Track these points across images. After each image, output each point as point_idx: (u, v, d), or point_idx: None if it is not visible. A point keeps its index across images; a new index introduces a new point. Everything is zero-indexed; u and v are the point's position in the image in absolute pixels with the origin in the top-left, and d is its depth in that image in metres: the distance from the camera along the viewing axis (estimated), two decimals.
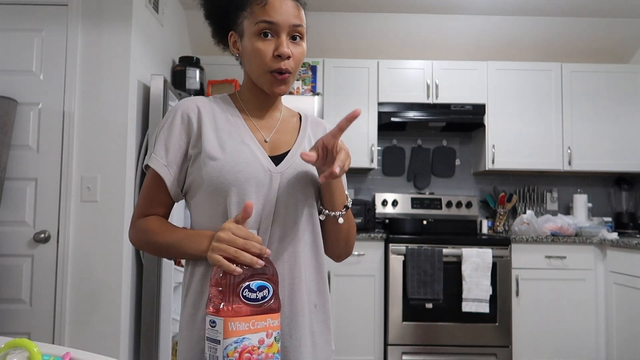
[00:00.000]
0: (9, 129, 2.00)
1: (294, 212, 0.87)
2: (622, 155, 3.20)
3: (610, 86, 3.23)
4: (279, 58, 0.84)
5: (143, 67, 2.37)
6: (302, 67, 3.15)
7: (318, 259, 0.90)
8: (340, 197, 0.88)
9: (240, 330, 0.69)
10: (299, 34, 0.87)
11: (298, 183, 0.88)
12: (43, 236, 2.08)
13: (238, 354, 0.68)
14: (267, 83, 0.87)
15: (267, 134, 0.93)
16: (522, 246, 2.88)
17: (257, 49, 0.84)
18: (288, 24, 0.85)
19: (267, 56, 0.84)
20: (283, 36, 0.84)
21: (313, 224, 0.90)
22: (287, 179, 0.87)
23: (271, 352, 0.72)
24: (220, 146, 0.86)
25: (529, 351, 2.83)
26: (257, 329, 0.71)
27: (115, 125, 2.17)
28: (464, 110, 3.19)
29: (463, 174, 3.57)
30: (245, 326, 0.69)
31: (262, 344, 0.71)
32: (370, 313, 2.85)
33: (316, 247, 0.90)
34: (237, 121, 0.91)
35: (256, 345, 0.70)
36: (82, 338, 2.10)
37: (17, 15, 2.16)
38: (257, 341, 0.70)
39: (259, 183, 0.85)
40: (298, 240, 0.87)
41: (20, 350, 0.62)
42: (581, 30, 3.36)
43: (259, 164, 0.86)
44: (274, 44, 0.84)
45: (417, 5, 3.18)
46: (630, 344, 2.64)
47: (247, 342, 0.69)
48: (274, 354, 0.73)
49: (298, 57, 0.87)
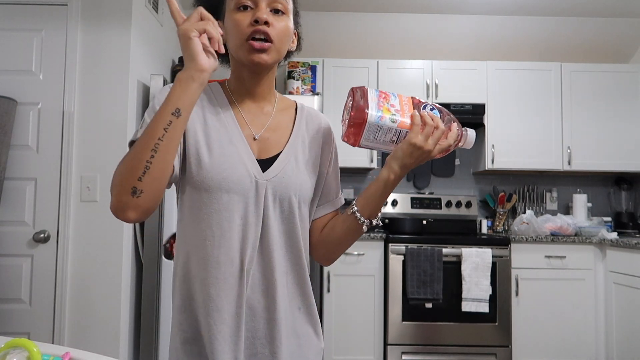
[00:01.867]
0: (8, 128, 2.00)
1: (276, 223, 0.84)
2: (621, 155, 3.20)
3: (610, 86, 3.23)
4: (256, 24, 0.80)
5: (143, 67, 2.37)
6: (302, 67, 3.15)
7: (299, 263, 0.87)
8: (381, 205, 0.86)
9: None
10: (282, 9, 0.83)
11: (285, 193, 0.84)
12: (43, 236, 2.08)
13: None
14: (245, 52, 0.82)
15: (257, 130, 0.88)
16: (522, 246, 2.88)
17: (234, 20, 0.81)
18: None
19: (244, 24, 0.80)
20: (262, 4, 0.81)
21: (295, 231, 0.86)
22: (273, 187, 0.83)
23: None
24: (208, 146, 0.82)
25: (529, 351, 2.83)
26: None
27: (114, 125, 2.17)
28: (463, 110, 3.19)
29: (463, 174, 3.57)
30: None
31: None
32: (370, 313, 2.86)
33: (297, 251, 0.86)
34: (227, 116, 0.87)
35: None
36: (81, 338, 2.10)
37: (17, 15, 2.16)
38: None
39: (244, 191, 0.81)
40: (277, 248, 0.84)
41: (20, 350, 0.62)
42: (581, 30, 3.36)
43: (245, 170, 0.82)
44: (251, 14, 0.81)
45: (417, 5, 3.17)
46: (630, 343, 2.64)
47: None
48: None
49: (280, 29, 0.82)
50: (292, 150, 0.88)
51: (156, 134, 0.70)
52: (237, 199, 0.81)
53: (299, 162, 0.88)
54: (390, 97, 0.82)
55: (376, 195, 0.84)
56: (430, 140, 0.79)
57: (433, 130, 0.79)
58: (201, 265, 0.81)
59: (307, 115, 0.95)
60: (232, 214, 0.81)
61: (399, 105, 0.81)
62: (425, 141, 0.79)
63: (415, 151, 0.79)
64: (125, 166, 0.71)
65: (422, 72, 3.23)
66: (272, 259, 0.83)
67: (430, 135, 0.79)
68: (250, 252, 0.81)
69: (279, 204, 0.84)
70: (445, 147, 0.81)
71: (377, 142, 0.81)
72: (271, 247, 0.83)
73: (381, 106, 0.80)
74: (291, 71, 3.13)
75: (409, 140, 0.79)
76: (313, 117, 0.95)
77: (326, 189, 0.95)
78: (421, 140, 0.79)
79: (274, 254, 0.83)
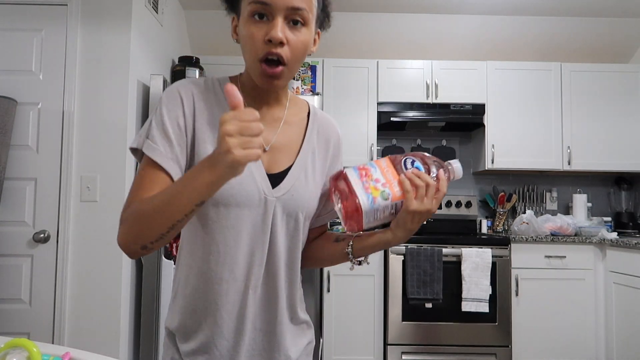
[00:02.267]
0: (8, 128, 2.00)
1: (281, 239, 0.81)
2: (621, 155, 3.20)
3: (610, 86, 3.23)
4: (270, 43, 0.72)
5: (142, 67, 2.37)
6: (302, 66, 3.15)
7: (296, 274, 0.86)
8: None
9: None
10: (302, 18, 0.74)
11: (293, 210, 0.81)
12: (43, 236, 2.08)
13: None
14: (257, 75, 0.76)
15: (267, 138, 0.83)
16: (522, 246, 2.88)
17: (248, 33, 0.73)
18: (285, 6, 0.72)
19: (257, 41, 0.73)
20: (278, 18, 0.72)
21: (297, 246, 0.85)
22: (283, 204, 0.80)
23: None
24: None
25: (529, 351, 2.83)
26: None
27: (114, 125, 2.17)
28: (463, 110, 3.19)
29: (463, 174, 3.57)
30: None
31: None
32: (369, 313, 2.85)
33: (292, 268, 0.85)
34: None
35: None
36: (81, 338, 2.10)
37: (17, 15, 2.16)
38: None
39: (252, 208, 0.78)
40: (282, 264, 0.82)
41: (20, 350, 0.62)
42: (581, 30, 3.36)
43: (255, 187, 0.78)
44: (266, 28, 0.72)
45: (416, 5, 3.17)
46: (630, 343, 2.64)
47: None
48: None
49: (296, 46, 0.74)
50: (302, 164, 0.84)
51: (175, 216, 0.66)
52: (245, 216, 0.78)
53: (308, 177, 0.85)
54: (370, 171, 0.80)
55: (375, 249, 0.84)
56: (426, 200, 0.77)
57: (426, 190, 0.77)
58: (203, 280, 0.80)
59: (319, 124, 0.91)
60: (240, 232, 0.78)
61: (383, 176, 0.79)
62: (422, 203, 0.76)
63: (416, 216, 0.77)
64: (138, 228, 0.69)
65: (422, 72, 3.23)
66: (277, 276, 0.82)
67: (424, 195, 0.76)
68: (257, 270, 0.80)
69: (285, 221, 0.82)
70: (441, 198, 0.79)
71: (379, 220, 0.80)
72: (277, 265, 0.82)
73: (367, 188, 0.78)
74: None
75: (407, 209, 0.77)
76: (325, 126, 0.91)
77: (329, 201, 0.93)
78: (418, 205, 0.76)
79: (279, 270, 0.82)
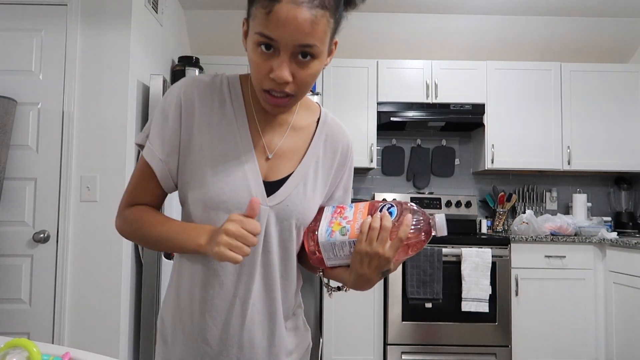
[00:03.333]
0: (8, 128, 2.00)
1: (274, 249, 0.79)
2: (621, 155, 3.20)
3: (609, 86, 3.23)
4: (274, 81, 0.70)
5: (142, 66, 2.37)
6: None
7: (289, 290, 0.84)
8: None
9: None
10: (311, 54, 0.69)
11: (286, 220, 0.79)
12: (42, 236, 2.08)
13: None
14: (262, 101, 0.75)
15: (271, 146, 0.81)
16: (522, 246, 2.88)
17: (254, 61, 0.71)
18: (292, 44, 0.67)
19: (262, 72, 0.70)
20: (284, 56, 0.68)
21: (291, 257, 0.82)
22: (276, 214, 0.78)
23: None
24: (213, 160, 0.77)
25: (529, 351, 2.83)
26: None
27: (114, 125, 2.17)
28: (463, 109, 3.19)
29: (462, 174, 3.57)
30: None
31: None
32: (369, 313, 2.86)
33: (288, 279, 0.83)
34: (240, 126, 0.79)
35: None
36: (81, 338, 2.10)
37: (17, 15, 2.16)
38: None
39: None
40: (274, 275, 0.80)
41: (20, 350, 0.62)
42: (581, 30, 3.36)
43: (248, 194, 0.76)
44: (272, 62, 0.69)
45: (416, 5, 3.17)
46: (630, 343, 2.64)
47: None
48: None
49: (303, 80, 0.71)
50: (303, 174, 0.81)
51: (175, 250, 0.78)
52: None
53: (307, 187, 0.81)
54: (345, 210, 0.79)
55: (339, 281, 0.81)
56: (375, 243, 0.70)
57: (378, 233, 0.71)
58: (191, 282, 0.80)
59: (329, 130, 0.87)
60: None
61: (353, 215, 0.77)
62: (370, 245, 0.71)
63: (365, 258, 0.71)
64: (134, 240, 0.83)
65: (422, 72, 3.23)
66: (272, 285, 0.80)
67: (375, 239, 0.71)
68: (246, 280, 0.78)
69: (279, 231, 0.79)
70: (397, 245, 0.71)
71: (339, 257, 0.76)
72: (271, 274, 0.79)
73: (332, 222, 0.77)
74: None
75: (355, 249, 0.73)
76: (334, 134, 0.87)
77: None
78: (365, 247, 0.71)
79: (273, 280, 0.80)
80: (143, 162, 0.80)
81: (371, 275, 0.73)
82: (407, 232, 0.71)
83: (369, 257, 0.71)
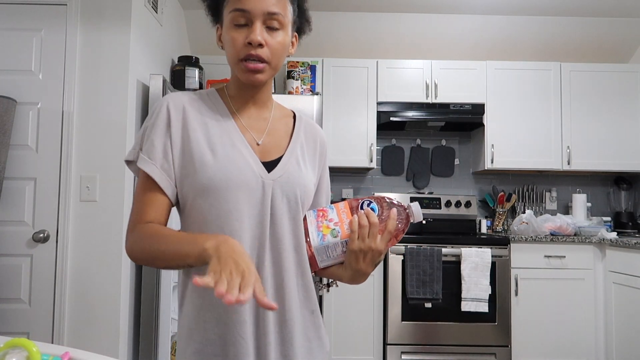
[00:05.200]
0: (8, 128, 2.00)
1: (284, 222, 0.83)
2: (621, 155, 3.20)
3: (609, 86, 3.24)
4: (250, 45, 0.80)
5: (142, 66, 2.37)
6: (302, 66, 3.15)
7: (303, 265, 0.86)
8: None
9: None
10: (278, 23, 0.82)
11: (291, 192, 0.84)
12: (42, 236, 2.08)
13: None
14: (240, 72, 0.83)
15: (258, 136, 0.88)
16: (521, 246, 2.88)
17: (230, 38, 0.81)
18: (262, 12, 0.80)
19: (238, 44, 0.81)
20: (257, 24, 0.80)
21: (299, 231, 0.85)
22: (280, 187, 0.84)
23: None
24: (211, 150, 0.82)
25: (528, 350, 2.83)
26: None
27: (114, 125, 2.16)
28: (463, 109, 3.19)
29: (462, 174, 3.58)
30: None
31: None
32: (369, 313, 2.86)
33: (300, 253, 0.85)
34: (227, 122, 0.87)
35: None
36: (81, 337, 2.10)
37: (16, 15, 2.16)
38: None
39: (250, 191, 0.81)
40: (286, 248, 0.83)
41: (20, 349, 0.62)
42: (580, 30, 3.37)
43: (251, 171, 0.82)
44: (246, 33, 0.81)
45: (417, 5, 3.17)
46: (630, 343, 2.64)
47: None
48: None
49: (275, 47, 0.82)
50: (294, 154, 0.89)
51: (183, 262, 0.75)
52: (244, 199, 0.81)
53: (300, 165, 0.89)
54: (327, 212, 0.84)
55: (334, 278, 0.87)
56: (368, 239, 0.79)
57: (369, 230, 0.79)
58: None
59: (306, 124, 0.97)
60: (241, 214, 0.80)
61: (337, 216, 0.83)
62: (363, 242, 0.79)
63: (360, 255, 0.79)
64: (146, 257, 0.79)
65: (422, 72, 3.23)
66: (282, 260, 0.82)
67: (366, 235, 0.79)
68: (260, 252, 0.81)
69: (286, 203, 0.84)
70: (388, 238, 0.80)
71: (332, 258, 0.83)
72: (281, 247, 0.82)
73: (320, 226, 0.82)
74: (290, 71, 3.13)
75: (349, 247, 0.80)
76: (311, 128, 0.97)
77: (315, 202, 0.96)
78: (359, 244, 0.79)
79: (284, 254, 0.83)
80: (142, 177, 0.84)
81: (366, 268, 0.81)
82: (395, 225, 0.80)
83: (363, 253, 0.79)
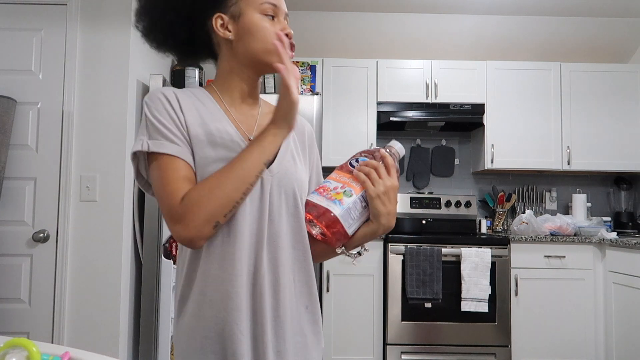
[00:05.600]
0: (8, 128, 2.00)
1: (282, 218, 0.84)
2: (621, 155, 3.20)
3: (609, 86, 3.24)
4: (286, 37, 0.86)
5: (142, 66, 2.37)
6: (302, 66, 3.15)
7: (306, 259, 0.87)
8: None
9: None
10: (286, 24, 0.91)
11: (289, 187, 0.85)
12: (42, 236, 2.08)
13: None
14: (275, 49, 0.83)
15: (249, 132, 0.89)
16: (521, 246, 2.88)
17: (262, 28, 0.86)
18: (284, 12, 0.89)
19: (271, 33, 0.86)
20: (281, 17, 0.88)
21: (301, 227, 0.87)
22: (278, 182, 0.85)
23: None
24: (210, 142, 0.82)
25: (528, 350, 2.83)
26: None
27: (114, 125, 2.16)
28: (463, 109, 3.19)
29: (462, 174, 3.58)
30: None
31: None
32: (369, 313, 2.86)
33: (297, 248, 0.86)
34: (221, 117, 0.87)
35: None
36: (81, 337, 2.10)
37: (16, 15, 2.16)
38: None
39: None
40: (285, 243, 0.84)
41: (19, 349, 0.62)
42: (580, 30, 3.37)
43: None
44: (277, 26, 0.87)
45: (416, 4, 3.18)
46: (629, 343, 2.64)
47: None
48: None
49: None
50: (288, 149, 0.90)
51: (248, 179, 0.77)
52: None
53: (295, 160, 0.90)
54: (327, 185, 0.86)
55: (365, 240, 0.88)
56: (381, 180, 0.83)
57: (378, 172, 0.83)
58: (218, 264, 0.80)
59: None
60: (242, 210, 0.81)
61: (338, 182, 0.85)
62: (379, 183, 0.83)
63: (384, 197, 0.83)
64: (214, 203, 0.75)
65: (422, 72, 3.23)
66: (279, 256, 0.83)
67: (378, 178, 0.83)
68: (258, 248, 0.82)
69: (284, 199, 0.85)
70: (394, 171, 0.85)
71: (357, 218, 0.84)
72: (278, 244, 0.83)
73: (331, 197, 0.84)
74: None
75: (370, 195, 0.83)
76: (298, 122, 0.97)
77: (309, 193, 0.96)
78: (376, 189, 0.83)
79: (281, 251, 0.83)
80: (161, 163, 0.79)
81: (394, 207, 0.85)
82: (391, 159, 0.86)
83: (385, 194, 0.83)
